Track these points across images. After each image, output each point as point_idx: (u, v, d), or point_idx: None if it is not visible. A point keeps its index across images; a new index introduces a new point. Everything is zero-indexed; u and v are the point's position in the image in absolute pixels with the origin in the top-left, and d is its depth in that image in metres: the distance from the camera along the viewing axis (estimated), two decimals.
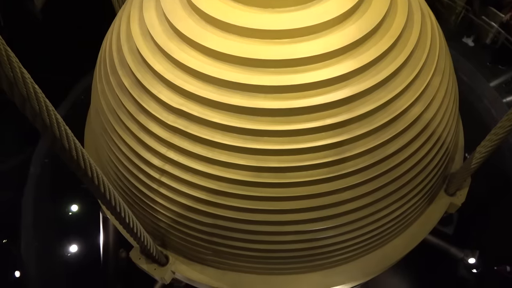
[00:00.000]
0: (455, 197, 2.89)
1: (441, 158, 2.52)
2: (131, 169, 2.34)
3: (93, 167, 1.55)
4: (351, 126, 2.04)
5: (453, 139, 2.73)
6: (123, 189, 2.56)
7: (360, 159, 2.09)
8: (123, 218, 1.92)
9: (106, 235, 4.56)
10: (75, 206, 6.09)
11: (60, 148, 1.42)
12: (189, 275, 2.60)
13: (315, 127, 2.00)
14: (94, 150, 2.96)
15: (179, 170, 2.16)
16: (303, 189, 2.10)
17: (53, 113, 1.32)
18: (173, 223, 2.39)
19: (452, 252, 5.68)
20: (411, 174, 2.31)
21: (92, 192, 1.70)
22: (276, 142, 2.01)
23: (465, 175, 2.73)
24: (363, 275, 2.63)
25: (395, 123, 2.13)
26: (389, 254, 2.70)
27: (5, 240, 5.00)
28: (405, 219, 2.60)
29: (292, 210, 2.17)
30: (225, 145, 2.03)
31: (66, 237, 5.85)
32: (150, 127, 2.16)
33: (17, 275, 4.88)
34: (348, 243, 2.41)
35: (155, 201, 2.34)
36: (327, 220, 2.21)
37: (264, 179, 2.06)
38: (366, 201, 2.22)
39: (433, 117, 2.30)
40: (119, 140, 2.34)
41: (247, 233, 2.26)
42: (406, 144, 2.19)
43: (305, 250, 2.38)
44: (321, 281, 2.56)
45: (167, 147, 2.16)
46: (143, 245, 2.26)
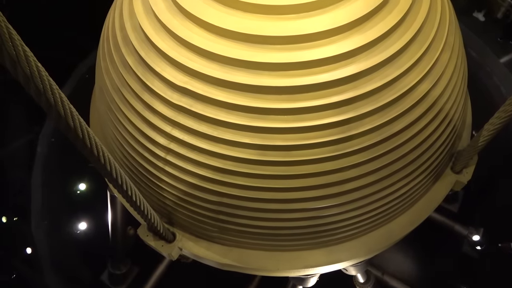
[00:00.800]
0: (461, 174, 2.88)
1: (448, 136, 2.50)
2: (137, 148, 2.35)
3: (99, 146, 1.56)
4: (357, 104, 2.01)
5: (461, 116, 2.70)
6: (129, 168, 2.58)
7: (366, 136, 2.08)
8: (130, 197, 1.94)
9: (114, 213, 4.63)
10: (82, 184, 6.18)
11: (65, 127, 1.42)
12: (196, 251, 2.65)
13: (321, 105, 1.98)
14: (100, 129, 2.97)
15: (185, 149, 2.17)
16: (309, 167, 2.10)
17: (57, 92, 1.32)
18: (179, 201, 2.41)
19: (457, 229, 5.72)
20: (418, 152, 2.30)
21: (99, 170, 1.72)
22: (281, 120, 2.00)
23: (472, 153, 2.71)
24: (367, 251, 2.66)
25: (402, 100, 2.10)
26: (393, 231, 2.71)
27: (15, 218, 5.11)
28: (410, 197, 2.61)
29: (297, 188, 2.17)
30: (229, 124, 2.02)
31: (75, 215, 5.97)
32: (154, 105, 2.16)
33: (28, 252, 5.01)
34: (353, 220, 2.42)
35: (161, 180, 2.36)
36: (332, 198, 2.22)
37: (270, 157, 2.06)
38: (372, 179, 2.22)
39: (441, 94, 2.27)
40: (124, 118, 2.35)
41: (252, 211, 2.28)
42: (413, 122, 2.17)
43: (310, 228, 2.40)
44: (326, 258, 2.60)
45: (172, 125, 2.16)
46: (150, 222, 2.29)
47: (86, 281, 5.73)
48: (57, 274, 4.94)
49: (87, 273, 5.80)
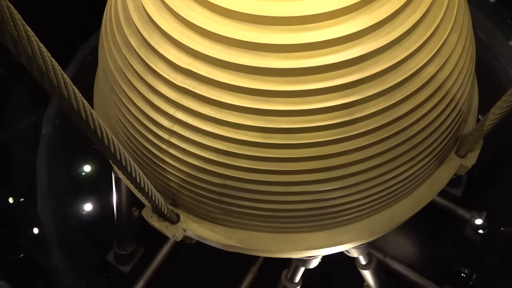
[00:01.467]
0: (465, 159, 2.87)
1: (454, 119, 2.48)
2: (140, 130, 2.35)
3: (103, 128, 1.56)
4: (362, 86, 1.99)
5: (467, 100, 2.66)
6: (133, 150, 2.58)
7: (371, 120, 2.06)
8: (134, 178, 1.95)
9: (119, 194, 4.68)
10: (87, 166, 6.22)
11: (68, 108, 1.42)
12: (200, 233, 2.68)
13: (326, 87, 1.96)
14: (103, 111, 2.97)
15: (188, 131, 2.17)
16: (313, 150, 2.09)
17: (60, 73, 1.31)
18: (183, 183, 2.43)
19: (459, 213, 5.74)
20: (423, 135, 2.28)
21: (102, 152, 1.72)
22: (286, 103, 1.98)
23: (478, 137, 2.69)
24: (370, 234, 2.68)
25: (408, 83, 2.07)
26: (396, 215, 2.72)
27: (22, 199, 5.18)
28: (414, 180, 2.61)
29: (301, 171, 2.18)
30: (233, 106, 2.01)
31: (80, 197, 6.04)
32: (158, 87, 2.15)
33: (35, 232, 5.09)
34: (356, 203, 2.43)
35: (165, 162, 2.37)
36: (336, 181, 2.23)
37: (273, 140, 2.05)
38: (376, 162, 2.22)
39: (448, 76, 2.23)
40: (128, 100, 2.34)
41: (256, 193, 2.29)
42: (418, 105, 2.15)
43: (313, 210, 2.42)
44: (329, 240, 2.62)
45: (175, 108, 2.15)
46: (155, 204, 2.31)
47: (92, 261, 5.84)
48: (63, 254, 5.04)
49: (94, 253, 5.91)
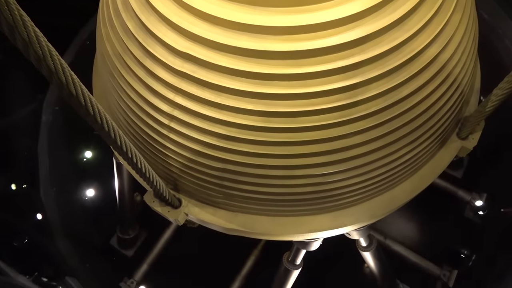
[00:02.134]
0: (467, 140, 2.86)
1: (455, 101, 2.46)
2: (140, 115, 2.34)
3: (102, 114, 1.55)
4: (364, 69, 1.97)
5: (469, 81, 2.64)
6: (133, 135, 2.58)
7: (373, 102, 2.04)
8: (135, 164, 1.95)
9: (121, 179, 4.70)
10: (89, 152, 6.24)
11: (67, 94, 1.41)
12: (202, 217, 2.69)
13: (327, 70, 1.94)
14: (103, 96, 2.96)
15: (188, 116, 2.16)
16: (314, 134, 2.09)
17: (58, 59, 1.29)
18: (184, 168, 2.43)
19: (460, 195, 5.76)
20: (424, 118, 2.27)
21: (103, 138, 1.72)
22: (286, 86, 1.96)
23: (479, 119, 2.68)
24: (371, 216, 2.70)
25: (410, 64, 2.05)
26: (397, 197, 2.73)
27: (24, 185, 5.21)
28: (415, 163, 2.61)
29: (301, 155, 2.17)
30: (233, 90, 2.00)
31: (82, 183, 6.08)
32: (157, 72, 2.13)
33: (39, 217, 5.14)
34: (357, 186, 2.44)
35: (166, 147, 2.37)
36: (337, 164, 2.23)
37: (274, 124, 2.05)
38: (377, 145, 2.21)
39: (450, 57, 2.20)
40: (127, 85, 2.32)
41: (257, 177, 2.29)
42: (420, 87, 2.13)
43: (314, 193, 2.43)
44: (330, 223, 2.64)
45: (175, 92, 2.13)
46: (156, 189, 2.32)
47: (96, 245, 5.92)
48: (67, 239, 5.10)
49: (97, 238, 5.98)
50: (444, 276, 5.25)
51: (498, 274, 4.30)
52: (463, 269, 5.34)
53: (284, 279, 4.15)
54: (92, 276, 4.99)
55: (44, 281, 4.26)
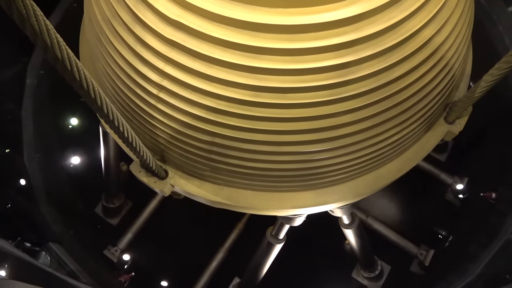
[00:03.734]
0: (453, 125, 2.89)
1: (446, 85, 2.47)
2: (128, 83, 2.29)
3: (89, 79, 1.51)
4: (357, 47, 1.95)
5: (461, 65, 2.64)
6: (121, 104, 2.53)
7: (364, 82, 2.04)
8: (121, 133, 1.93)
9: (107, 148, 4.65)
10: (74, 119, 6.13)
11: (52, 57, 1.36)
12: (188, 189, 2.70)
13: (320, 47, 1.91)
14: (90, 61, 2.88)
15: (177, 86, 2.12)
16: (303, 111, 2.08)
17: (42, 19, 1.24)
18: (172, 139, 2.41)
19: (442, 178, 5.90)
20: (414, 100, 2.27)
21: (89, 105, 1.68)
22: (278, 61, 1.93)
23: (467, 104, 2.70)
24: (355, 195, 2.74)
25: (404, 45, 2.03)
26: (381, 177, 2.78)
27: (8, 150, 5.11)
28: (401, 144, 2.63)
29: (290, 131, 2.17)
30: (224, 62, 1.96)
31: (67, 149, 6.00)
32: (146, 39, 2.07)
33: (22, 183, 5.08)
34: (344, 165, 2.46)
35: (153, 117, 2.34)
36: (324, 142, 2.23)
37: (263, 98, 2.03)
38: (365, 125, 2.22)
39: (444, 40, 2.19)
40: (115, 52, 2.26)
41: (244, 152, 2.29)
42: (412, 69, 2.12)
43: (301, 170, 2.44)
44: (314, 200, 2.68)
45: (164, 61, 2.08)
46: (143, 159, 2.30)
47: (81, 213, 5.91)
48: (51, 206, 5.07)
49: (82, 205, 5.97)
50: (421, 255, 5.44)
51: (472, 255, 4.47)
52: (440, 249, 5.53)
53: (267, 252, 4.24)
54: (76, 243, 5.01)
55: (27, 246, 4.26)
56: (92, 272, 4.57)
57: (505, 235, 4.17)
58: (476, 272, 4.03)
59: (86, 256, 4.97)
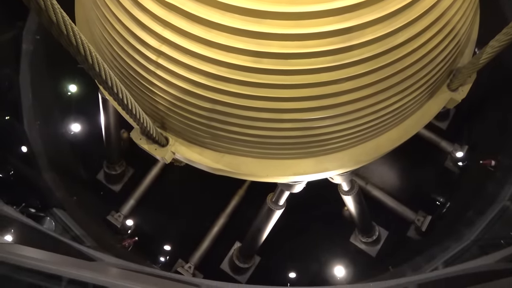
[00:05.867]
0: (456, 92, 2.86)
1: (451, 51, 2.41)
2: (126, 49, 2.24)
3: (86, 44, 1.47)
4: (361, 11, 1.89)
5: (467, 31, 2.57)
6: (119, 69, 2.49)
7: (367, 47, 1.99)
8: (121, 99, 1.90)
9: (107, 115, 4.63)
10: (73, 85, 6.06)
11: (47, 21, 1.32)
12: (189, 156, 2.71)
13: (322, 11, 1.85)
14: (86, 26, 2.80)
15: (176, 52, 2.07)
16: (304, 77, 2.05)
17: None
18: (172, 106, 2.39)
19: (442, 146, 5.92)
20: (418, 66, 2.23)
21: (87, 71, 1.65)
22: (279, 26, 1.88)
23: (472, 70, 2.66)
24: (355, 162, 2.75)
25: (409, 9, 1.97)
26: (382, 145, 2.77)
27: (7, 117, 5.09)
28: (403, 112, 2.61)
29: (291, 98, 2.15)
30: (223, 26, 1.91)
31: (67, 116, 5.97)
32: (144, 2, 2.00)
33: (24, 150, 5.10)
34: (344, 132, 2.45)
35: (153, 83, 2.31)
36: (326, 109, 2.21)
37: (264, 64, 1.99)
38: (368, 92, 2.19)
39: (450, 5, 2.12)
40: (112, 16, 2.19)
41: (245, 119, 2.28)
42: (417, 34, 2.07)
43: (302, 138, 2.44)
44: (314, 167, 2.69)
45: (163, 26, 2.03)
46: (143, 126, 2.29)
47: (83, 179, 5.98)
48: (54, 172, 5.11)
49: (84, 172, 6.03)
50: (418, 221, 5.55)
51: (469, 221, 4.55)
52: (437, 216, 5.62)
53: (267, 218, 4.32)
54: (79, 209, 5.10)
55: (31, 212, 4.34)
56: (96, 236, 4.68)
57: (502, 201, 4.23)
58: (471, 237, 4.12)
59: (90, 222, 5.07)
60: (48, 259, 2.05)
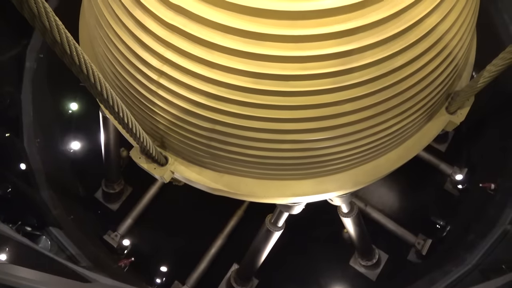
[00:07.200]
0: (455, 115, 2.88)
1: (449, 74, 2.44)
2: (128, 68, 2.27)
3: (88, 64, 1.49)
4: (360, 35, 1.92)
5: (465, 55, 2.61)
6: (120, 89, 2.51)
7: (367, 70, 2.01)
8: (121, 118, 1.91)
9: (107, 134, 4.64)
10: (74, 104, 6.10)
11: (51, 41, 1.34)
12: (188, 175, 2.70)
13: (322, 34, 1.88)
14: (89, 45, 2.84)
15: (178, 72, 2.10)
16: (305, 99, 2.06)
17: (41, 1, 1.22)
18: (172, 126, 2.40)
19: (442, 168, 5.91)
20: (416, 89, 2.25)
21: (89, 90, 1.67)
22: (280, 48, 1.91)
23: (470, 94, 2.68)
24: (354, 184, 2.74)
25: (408, 33, 2.00)
26: (381, 166, 2.77)
27: (8, 134, 5.10)
28: (402, 134, 2.62)
29: (291, 119, 2.16)
30: (225, 48, 1.93)
31: (67, 134, 5.98)
32: (147, 24, 2.04)
33: (23, 168, 5.08)
34: (344, 154, 2.45)
35: (154, 103, 2.32)
36: (325, 131, 2.22)
37: (264, 86, 2.01)
38: (367, 114, 2.20)
39: (448, 29, 2.16)
40: (115, 36, 2.23)
41: (244, 139, 2.28)
42: (415, 57, 2.09)
43: (301, 159, 2.44)
44: (314, 188, 2.68)
45: (165, 47, 2.06)
46: (143, 145, 2.29)
47: (81, 198, 5.93)
48: (52, 190, 5.08)
49: (82, 190, 5.99)
50: (418, 244, 5.48)
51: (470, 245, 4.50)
52: (438, 239, 5.56)
53: (265, 239, 4.27)
54: (76, 228, 5.04)
55: (27, 230, 4.29)
56: (92, 256, 4.60)
57: (503, 225, 4.19)
58: (472, 262, 4.06)
59: (86, 241, 5.00)
60: (42, 280, 2.01)
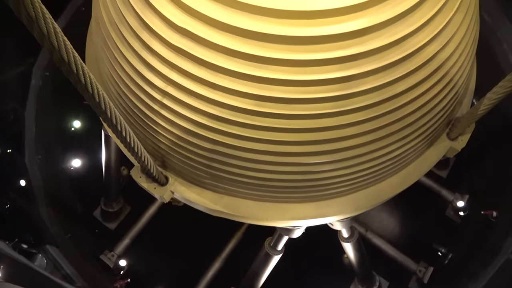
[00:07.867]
0: (456, 141, 2.88)
1: (449, 101, 2.47)
2: (133, 88, 2.30)
3: (93, 83, 1.51)
4: (362, 61, 1.95)
5: (465, 82, 2.64)
6: (124, 108, 2.54)
7: (367, 95, 2.03)
8: (123, 137, 1.92)
9: (108, 152, 4.65)
10: (77, 122, 6.14)
11: (58, 60, 1.37)
12: (188, 196, 2.69)
13: (324, 59, 1.91)
14: (95, 64, 2.89)
15: (182, 93, 2.12)
16: (306, 122, 2.08)
17: (50, 22, 1.25)
18: (174, 146, 2.41)
19: (443, 194, 5.87)
20: (417, 115, 2.27)
21: (93, 108, 1.68)
22: (282, 71, 1.94)
23: (471, 121, 2.70)
24: (355, 208, 2.72)
25: (408, 60, 2.04)
26: (382, 191, 2.76)
27: (9, 150, 5.11)
28: (403, 159, 2.62)
29: (292, 142, 2.17)
30: (228, 70, 1.97)
31: (69, 152, 6.00)
32: (153, 45, 2.08)
33: (22, 184, 5.07)
34: (345, 178, 2.45)
35: (156, 123, 2.34)
36: (326, 154, 2.23)
37: (266, 108, 2.03)
38: (368, 139, 2.21)
39: (448, 57, 2.20)
40: (121, 56, 2.27)
41: (245, 161, 2.29)
42: (416, 84, 2.12)
43: (302, 182, 2.43)
44: (314, 212, 2.66)
45: (170, 68, 2.09)
46: (144, 164, 2.30)
47: (79, 216, 5.89)
48: (50, 207, 5.05)
49: (80, 208, 5.95)
50: (419, 272, 5.38)
51: (472, 273, 4.42)
52: (439, 266, 5.47)
53: (264, 263, 4.21)
54: (72, 247, 4.98)
55: (24, 247, 4.24)
56: (87, 276, 4.53)
57: (505, 254, 4.13)
58: None
59: (82, 260, 4.93)
60: None
